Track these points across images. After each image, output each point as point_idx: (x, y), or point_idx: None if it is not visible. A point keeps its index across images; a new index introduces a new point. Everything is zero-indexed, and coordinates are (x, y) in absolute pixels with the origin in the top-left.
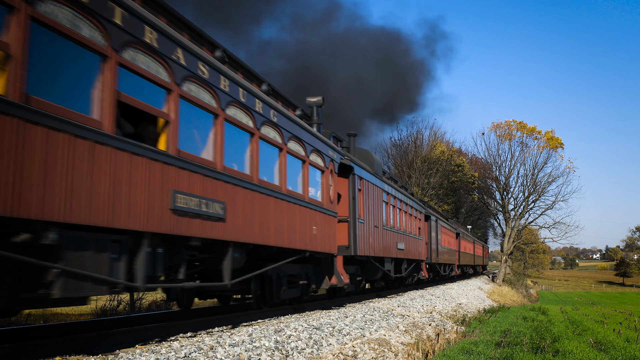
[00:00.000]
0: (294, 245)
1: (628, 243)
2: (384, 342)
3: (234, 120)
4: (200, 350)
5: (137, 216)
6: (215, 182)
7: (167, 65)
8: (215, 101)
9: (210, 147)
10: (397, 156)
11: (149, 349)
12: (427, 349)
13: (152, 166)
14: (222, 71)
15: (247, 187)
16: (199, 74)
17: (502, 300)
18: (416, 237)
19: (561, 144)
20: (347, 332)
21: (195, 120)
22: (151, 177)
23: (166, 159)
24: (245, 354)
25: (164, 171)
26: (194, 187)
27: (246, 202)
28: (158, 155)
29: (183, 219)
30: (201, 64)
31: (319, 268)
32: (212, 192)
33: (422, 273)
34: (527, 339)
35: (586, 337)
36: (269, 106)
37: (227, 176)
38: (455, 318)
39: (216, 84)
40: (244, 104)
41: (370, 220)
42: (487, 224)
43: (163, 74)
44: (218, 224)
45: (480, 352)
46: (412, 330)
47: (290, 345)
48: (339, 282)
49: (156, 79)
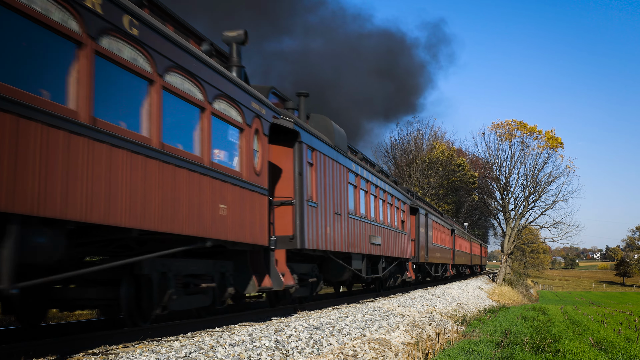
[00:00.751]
0: (180, 229)
1: (628, 243)
2: (384, 342)
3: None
4: (200, 350)
5: None
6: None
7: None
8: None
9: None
10: (398, 156)
11: (149, 349)
12: (428, 349)
13: None
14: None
15: (56, 125)
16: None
17: (503, 300)
18: (398, 232)
19: (561, 144)
20: (347, 331)
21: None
22: None
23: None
24: (245, 353)
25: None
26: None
27: (55, 151)
28: None
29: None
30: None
31: (244, 266)
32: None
33: (407, 274)
34: (528, 339)
35: (586, 337)
36: (121, 9)
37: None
38: (455, 318)
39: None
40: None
41: (329, 204)
42: (487, 224)
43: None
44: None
45: (480, 351)
46: (413, 330)
47: (291, 345)
48: (274, 285)
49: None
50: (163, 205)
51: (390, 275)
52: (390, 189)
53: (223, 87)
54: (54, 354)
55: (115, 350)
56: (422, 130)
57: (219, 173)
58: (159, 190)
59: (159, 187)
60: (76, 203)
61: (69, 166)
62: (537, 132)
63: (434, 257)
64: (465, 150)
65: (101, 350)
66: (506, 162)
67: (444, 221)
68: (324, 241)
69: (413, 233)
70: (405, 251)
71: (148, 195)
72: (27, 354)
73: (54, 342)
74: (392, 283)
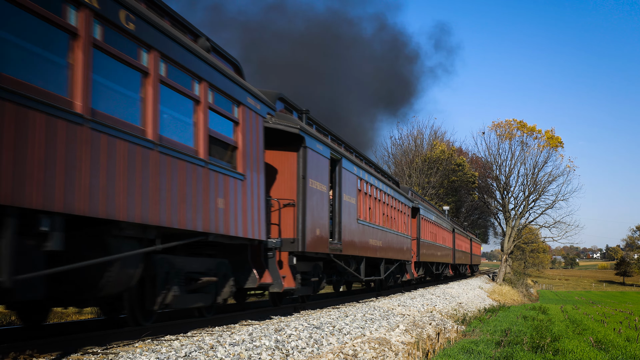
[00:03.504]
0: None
1: (628, 242)
2: (384, 341)
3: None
4: (200, 350)
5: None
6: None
7: None
8: None
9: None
10: (398, 155)
11: (150, 348)
12: (428, 348)
13: None
14: None
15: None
16: None
17: (503, 299)
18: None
19: (561, 143)
20: (347, 331)
21: None
22: None
23: None
24: (245, 353)
25: None
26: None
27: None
28: None
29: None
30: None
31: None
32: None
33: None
34: (528, 338)
35: (586, 337)
36: None
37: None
38: (455, 317)
39: None
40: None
41: None
42: (487, 223)
43: None
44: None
45: (480, 351)
46: (413, 329)
47: (291, 344)
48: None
49: None
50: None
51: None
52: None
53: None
54: (54, 353)
55: (115, 350)
56: (422, 130)
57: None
58: (170, 183)
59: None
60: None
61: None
62: (537, 132)
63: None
64: (465, 150)
65: (101, 350)
66: (506, 161)
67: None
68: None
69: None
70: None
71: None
72: (27, 353)
73: (54, 342)
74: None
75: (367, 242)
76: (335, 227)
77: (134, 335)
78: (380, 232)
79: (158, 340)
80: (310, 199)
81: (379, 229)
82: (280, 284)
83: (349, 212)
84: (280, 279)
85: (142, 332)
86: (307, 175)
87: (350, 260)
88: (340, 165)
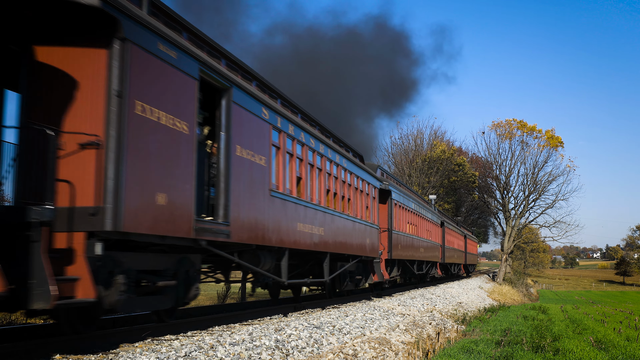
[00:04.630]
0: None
1: (628, 242)
2: (384, 341)
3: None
4: (200, 349)
5: None
6: None
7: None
8: None
9: None
10: (398, 155)
11: (150, 348)
12: (428, 348)
13: None
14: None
15: None
16: None
17: (503, 299)
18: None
19: (561, 143)
20: (347, 331)
21: None
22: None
23: None
24: (245, 352)
25: None
26: None
27: None
28: None
29: None
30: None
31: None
32: None
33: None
34: (528, 338)
35: (586, 336)
36: None
37: None
38: (455, 317)
39: None
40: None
41: None
42: (487, 223)
43: None
44: None
45: (480, 351)
46: (413, 329)
47: (291, 344)
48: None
49: None
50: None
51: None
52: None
53: None
54: (55, 353)
55: (115, 350)
56: (422, 130)
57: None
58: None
59: None
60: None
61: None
62: (537, 132)
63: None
64: (465, 150)
65: (101, 350)
66: (506, 161)
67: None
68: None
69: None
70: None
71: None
72: (27, 352)
73: (54, 342)
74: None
75: (293, 227)
76: (220, 199)
77: (134, 336)
78: (321, 214)
79: (158, 340)
80: (141, 137)
81: (319, 210)
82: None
83: (250, 176)
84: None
85: (143, 332)
86: (132, 95)
87: (262, 253)
88: (230, 99)
